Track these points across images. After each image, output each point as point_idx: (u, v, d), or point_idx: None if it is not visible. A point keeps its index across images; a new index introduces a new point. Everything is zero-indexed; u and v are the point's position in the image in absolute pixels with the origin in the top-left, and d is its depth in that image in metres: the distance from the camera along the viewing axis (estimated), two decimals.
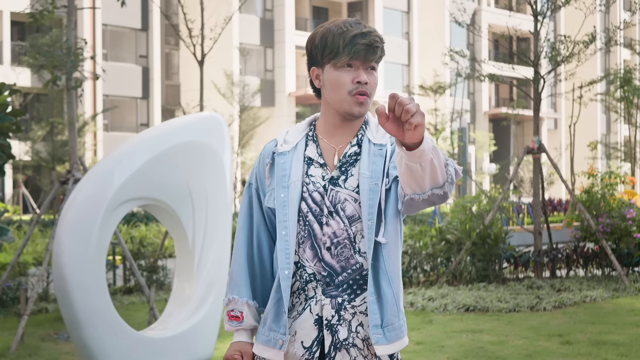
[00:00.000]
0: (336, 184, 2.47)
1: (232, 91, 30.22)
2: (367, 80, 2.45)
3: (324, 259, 2.43)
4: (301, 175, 2.48)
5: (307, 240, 2.45)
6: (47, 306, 9.36)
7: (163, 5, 35.43)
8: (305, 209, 2.46)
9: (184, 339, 6.08)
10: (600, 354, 6.71)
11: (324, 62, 2.48)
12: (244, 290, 2.55)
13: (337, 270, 2.43)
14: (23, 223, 19.82)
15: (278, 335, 2.44)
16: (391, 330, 2.42)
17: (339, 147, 2.52)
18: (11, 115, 6.80)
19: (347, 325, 2.43)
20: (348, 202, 2.45)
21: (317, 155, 2.51)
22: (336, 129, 2.52)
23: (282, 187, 2.48)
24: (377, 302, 2.40)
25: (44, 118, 25.60)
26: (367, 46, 2.42)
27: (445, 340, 7.36)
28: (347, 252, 2.43)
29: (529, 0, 11.65)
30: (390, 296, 2.42)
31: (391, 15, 43.63)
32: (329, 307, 2.42)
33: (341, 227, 2.44)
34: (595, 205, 11.42)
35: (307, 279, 2.45)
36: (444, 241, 11.05)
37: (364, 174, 2.44)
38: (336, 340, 2.43)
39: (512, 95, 47.46)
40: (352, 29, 2.43)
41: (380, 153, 2.47)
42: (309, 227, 2.45)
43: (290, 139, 2.55)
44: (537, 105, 11.58)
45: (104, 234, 5.66)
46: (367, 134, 2.51)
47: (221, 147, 6.45)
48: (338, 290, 2.43)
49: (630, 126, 26.68)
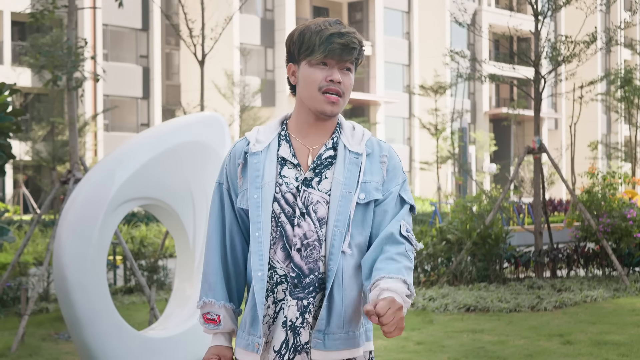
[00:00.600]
0: (309, 185, 2.44)
1: (232, 91, 30.22)
2: (341, 80, 2.44)
3: (293, 260, 2.41)
4: (274, 176, 2.46)
5: (278, 242, 2.43)
6: (47, 306, 9.36)
7: (163, 5, 35.42)
8: (277, 210, 2.44)
9: (184, 339, 6.08)
10: (601, 354, 6.70)
11: (300, 58, 2.47)
12: (219, 292, 2.53)
13: (304, 272, 2.41)
14: (23, 223, 19.82)
15: (255, 338, 2.42)
16: (331, 339, 2.39)
17: (312, 147, 2.49)
18: (12, 115, 6.80)
19: (310, 328, 2.41)
20: (320, 204, 2.43)
21: (291, 156, 2.48)
22: (309, 128, 2.50)
23: (255, 188, 2.45)
24: (327, 309, 2.38)
25: (45, 118, 25.61)
26: (343, 46, 2.41)
27: (445, 340, 7.36)
28: (316, 255, 2.41)
29: (529, 0, 11.64)
30: (339, 307, 2.39)
31: (392, 16, 43.62)
32: (294, 309, 2.40)
33: (312, 228, 2.42)
34: (596, 205, 11.41)
35: (278, 280, 2.43)
36: (445, 241, 11.04)
37: (337, 179, 2.43)
38: (297, 342, 2.41)
39: (512, 95, 47.45)
40: (330, 28, 2.43)
41: (356, 162, 2.45)
42: (282, 228, 2.43)
43: (262, 138, 2.52)
44: (538, 105, 11.58)
45: (104, 234, 5.65)
46: (342, 138, 2.50)
47: (222, 147, 6.45)
48: (304, 293, 2.40)
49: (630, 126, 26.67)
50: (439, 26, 45.16)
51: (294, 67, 2.51)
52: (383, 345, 7.14)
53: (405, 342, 7.28)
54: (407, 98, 43.82)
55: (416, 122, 39.26)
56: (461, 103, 34.97)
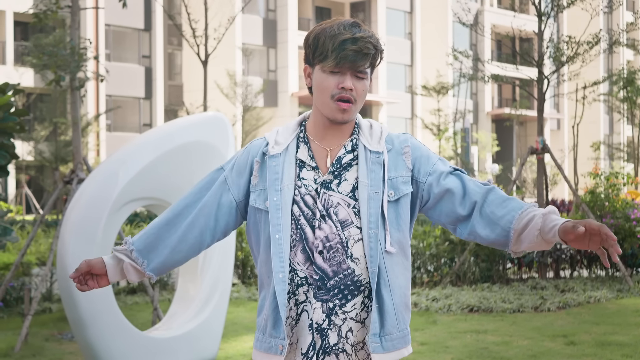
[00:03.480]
0: (329, 187, 2.44)
1: (234, 91, 30.24)
2: (353, 87, 2.41)
3: (316, 263, 2.41)
4: (293, 179, 2.45)
5: (298, 244, 2.43)
6: (50, 306, 9.36)
7: (166, 5, 35.45)
8: (297, 213, 2.43)
9: (188, 339, 6.08)
10: (605, 354, 6.69)
11: (314, 62, 2.46)
12: (141, 241, 2.52)
13: (328, 275, 2.40)
14: (26, 223, 19.82)
15: (278, 340, 2.41)
16: (389, 340, 2.40)
17: (330, 149, 2.49)
18: (15, 116, 6.79)
19: (337, 330, 2.40)
20: (341, 207, 2.42)
21: (309, 158, 2.48)
22: (326, 130, 2.49)
23: (275, 191, 2.44)
24: (378, 311, 2.39)
25: (47, 118, 25.63)
26: (356, 52, 2.39)
27: (449, 341, 7.35)
28: (339, 257, 2.40)
29: (533, 1, 11.63)
30: (390, 307, 2.40)
31: (394, 16, 43.62)
32: (319, 311, 2.40)
33: (333, 231, 2.41)
34: (599, 205, 11.40)
35: (299, 282, 2.42)
36: (448, 241, 11.04)
37: (362, 182, 2.42)
38: (326, 344, 2.40)
39: (514, 96, 47.43)
40: (344, 32, 2.39)
41: (378, 161, 2.45)
42: (301, 230, 2.43)
43: (281, 140, 2.51)
44: (541, 105, 11.57)
45: (108, 234, 5.65)
46: (361, 138, 2.49)
47: (225, 147, 6.44)
48: (329, 295, 2.40)
49: (633, 127, 26.66)
50: (442, 26, 45.15)
51: (309, 69, 2.50)
52: None
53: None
54: (410, 98, 43.82)
55: (419, 123, 39.27)
56: (464, 103, 34.96)
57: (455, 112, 32.77)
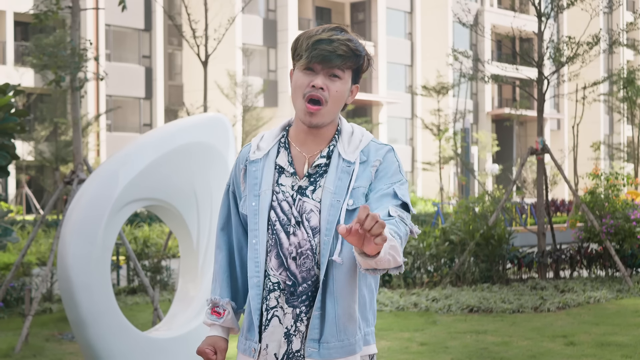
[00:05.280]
0: (304, 194, 2.45)
1: (235, 91, 30.24)
2: (324, 86, 2.41)
3: (289, 269, 2.43)
4: (271, 184, 2.47)
5: (273, 249, 2.45)
6: (51, 306, 9.37)
7: (166, 5, 35.45)
8: (274, 218, 2.45)
9: (188, 340, 6.08)
10: (604, 355, 6.70)
11: (294, 63, 2.50)
12: (225, 291, 2.58)
13: (299, 281, 2.42)
14: (26, 223, 19.83)
15: (252, 343, 2.47)
16: (326, 348, 2.40)
17: (309, 155, 2.49)
18: (15, 116, 6.80)
19: (301, 336, 2.42)
20: (313, 213, 2.43)
21: (288, 164, 2.48)
22: (306, 136, 2.50)
23: (254, 196, 2.47)
24: (319, 318, 2.39)
25: (48, 118, 25.63)
26: (329, 52, 2.38)
27: (449, 341, 7.36)
28: (309, 263, 2.42)
29: (533, 1, 11.64)
30: (332, 316, 2.39)
31: (394, 16, 43.61)
32: (290, 317, 2.43)
33: (305, 237, 2.42)
34: (599, 206, 11.41)
35: (271, 287, 2.44)
36: (448, 242, 11.04)
37: (328, 188, 2.42)
38: (289, 350, 2.43)
39: (514, 96, 47.43)
40: (321, 34, 2.41)
41: (347, 170, 2.43)
42: (276, 236, 2.44)
43: (263, 146, 2.53)
44: (541, 105, 11.57)
45: (109, 235, 5.66)
46: (338, 146, 2.48)
47: (226, 147, 6.45)
48: (298, 301, 2.42)
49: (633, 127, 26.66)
50: (442, 26, 45.15)
51: (292, 71, 2.54)
52: (387, 346, 7.15)
53: (408, 343, 7.28)
54: (410, 98, 43.82)
55: (418, 123, 39.25)
56: (464, 103, 34.95)
57: (455, 112, 32.75)
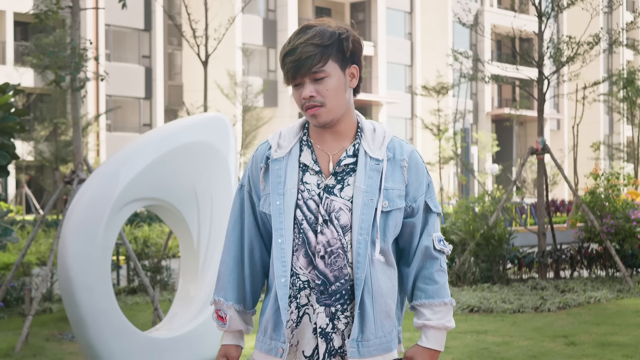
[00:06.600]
0: (331, 192, 2.45)
1: (235, 91, 30.24)
2: (313, 93, 2.42)
3: (317, 268, 2.42)
4: (296, 183, 2.46)
5: (300, 248, 2.44)
6: (51, 306, 9.36)
7: (166, 5, 35.45)
8: (300, 217, 2.45)
9: (188, 340, 6.08)
10: (605, 355, 6.70)
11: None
12: (230, 293, 2.56)
13: (330, 279, 2.42)
14: (26, 223, 19.83)
15: (279, 343, 2.44)
16: (366, 346, 2.41)
17: (332, 153, 2.50)
18: (15, 116, 6.80)
19: (341, 334, 2.43)
20: (342, 212, 2.43)
21: (312, 162, 2.48)
22: (325, 134, 2.51)
23: (278, 195, 2.46)
24: (359, 317, 2.41)
25: (47, 118, 25.63)
26: (296, 62, 2.40)
27: (449, 341, 7.35)
28: (341, 262, 2.42)
29: (533, 1, 11.64)
30: (370, 314, 2.42)
31: (394, 16, 43.62)
32: (323, 316, 2.42)
33: (334, 236, 2.42)
34: (599, 206, 11.40)
35: (301, 286, 2.44)
36: (448, 242, 11.04)
37: (359, 187, 2.43)
38: (331, 347, 2.43)
39: (514, 96, 47.44)
40: (286, 47, 2.43)
41: (377, 168, 2.45)
42: (304, 234, 2.44)
43: (284, 144, 2.52)
44: (541, 105, 11.57)
45: (109, 235, 5.65)
46: (362, 143, 2.49)
47: (226, 147, 6.45)
48: (331, 300, 2.42)
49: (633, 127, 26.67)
50: (442, 26, 45.16)
51: None
52: None
53: (409, 343, 7.27)
54: (410, 98, 43.83)
55: (418, 123, 39.26)
56: (464, 103, 34.96)
57: (455, 113, 32.76)
